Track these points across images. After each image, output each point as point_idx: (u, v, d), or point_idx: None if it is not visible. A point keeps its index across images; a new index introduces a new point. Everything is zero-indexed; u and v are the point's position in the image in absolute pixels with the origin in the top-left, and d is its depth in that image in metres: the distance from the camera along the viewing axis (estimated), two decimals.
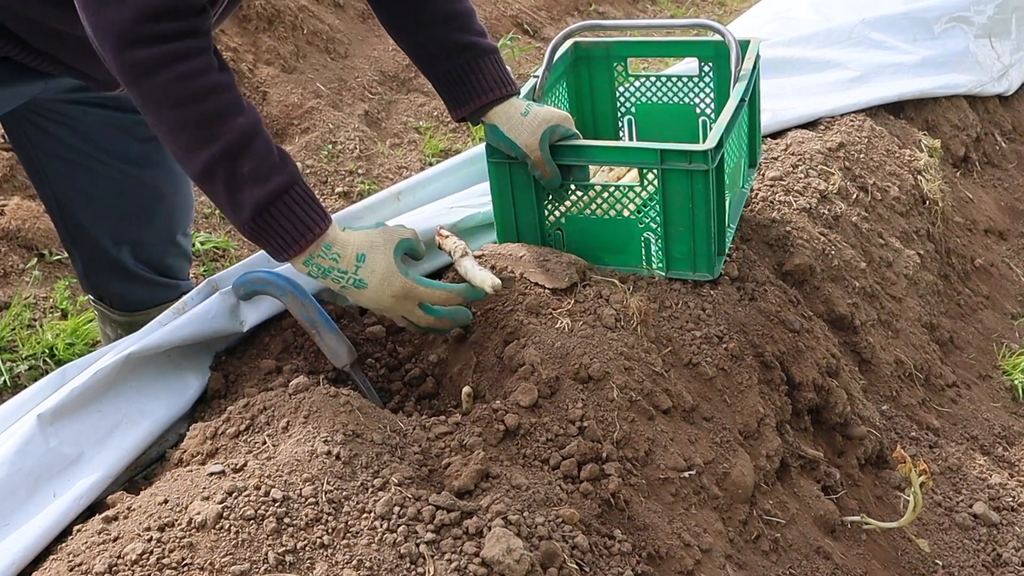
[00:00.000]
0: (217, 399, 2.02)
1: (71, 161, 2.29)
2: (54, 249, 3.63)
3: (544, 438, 1.84)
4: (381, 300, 1.91)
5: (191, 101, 1.69)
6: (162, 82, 1.67)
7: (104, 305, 2.58)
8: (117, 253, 2.43)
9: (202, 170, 1.73)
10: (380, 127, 5.06)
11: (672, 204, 2.16)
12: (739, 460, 2.02)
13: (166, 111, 1.70)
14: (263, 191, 1.75)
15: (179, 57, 1.67)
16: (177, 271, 2.57)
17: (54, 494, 1.72)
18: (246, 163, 1.73)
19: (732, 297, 2.28)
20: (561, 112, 2.21)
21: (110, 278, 2.49)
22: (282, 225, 1.79)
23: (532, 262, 2.16)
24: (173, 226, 2.50)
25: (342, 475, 1.64)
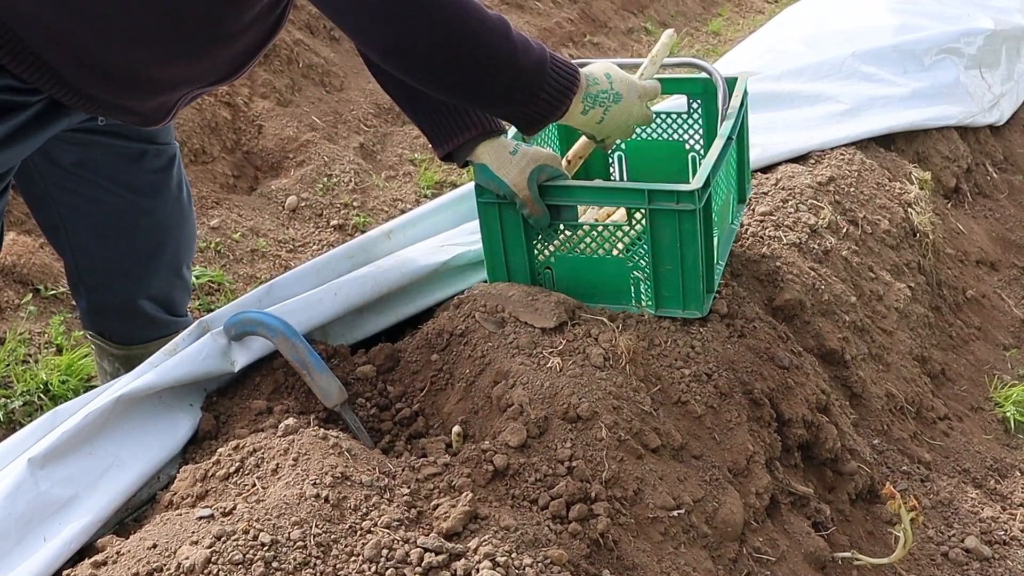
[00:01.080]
0: (208, 440, 2.03)
1: (80, 192, 2.28)
2: (49, 284, 3.65)
3: (533, 478, 1.85)
4: (633, 106, 2.19)
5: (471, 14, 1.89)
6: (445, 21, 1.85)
7: (103, 339, 2.58)
8: (124, 288, 2.44)
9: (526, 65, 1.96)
10: (375, 159, 5.09)
11: (660, 243, 2.18)
12: (728, 498, 2.03)
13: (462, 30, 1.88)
14: (544, 54, 2.00)
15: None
16: (179, 306, 2.58)
17: (44, 538, 1.73)
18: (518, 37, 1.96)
19: (721, 334, 2.29)
20: (549, 152, 2.22)
21: (113, 315, 2.50)
22: (562, 74, 2.04)
23: (521, 302, 2.18)
24: (179, 259, 2.51)
25: (330, 518, 1.64)
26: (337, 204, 4.63)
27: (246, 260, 4.12)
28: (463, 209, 2.75)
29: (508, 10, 6.78)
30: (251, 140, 4.79)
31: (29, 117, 1.96)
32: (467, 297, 2.26)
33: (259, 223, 4.37)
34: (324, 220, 4.52)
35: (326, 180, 4.71)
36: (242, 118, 4.80)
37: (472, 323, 2.17)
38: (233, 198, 4.45)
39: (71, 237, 2.37)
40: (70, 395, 3.25)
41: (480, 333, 2.14)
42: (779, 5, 8.42)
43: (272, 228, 4.39)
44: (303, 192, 4.62)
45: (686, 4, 8.28)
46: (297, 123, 4.92)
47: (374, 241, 2.54)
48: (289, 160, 4.78)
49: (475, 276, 2.49)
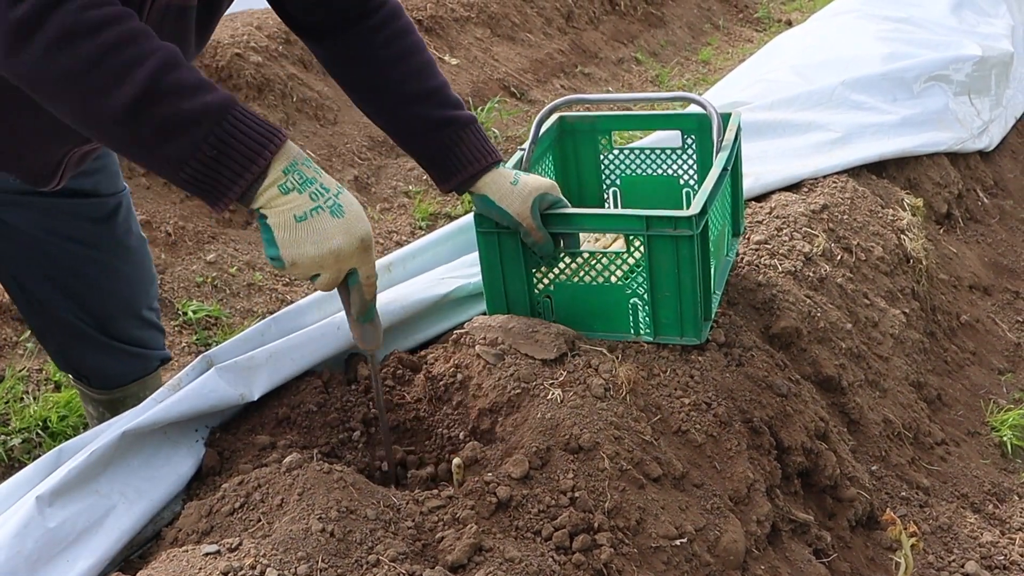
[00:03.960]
0: (212, 476, 2.04)
1: (26, 245, 2.28)
2: None
3: (536, 509, 1.86)
4: (349, 238, 1.66)
5: (91, 33, 1.47)
6: (51, 28, 1.46)
7: (83, 384, 2.57)
8: (85, 328, 2.42)
9: (127, 108, 1.48)
10: (370, 192, 5.12)
11: (659, 269, 2.21)
12: (730, 526, 2.04)
13: (64, 59, 1.47)
14: (213, 99, 1.54)
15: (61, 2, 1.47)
16: (149, 341, 2.54)
17: None
18: (188, 75, 1.52)
19: (719, 363, 2.32)
20: (548, 180, 2.26)
21: (84, 352, 2.47)
22: (244, 133, 1.56)
23: (521, 334, 2.20)
24: (135, 302, 2.48)
25: (337, 552, 1.66)
26: None
27: (243, 294, 4.14)
28: (462, 241, 2.77)
29: (499, 41, 6.85)
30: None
31: None
32: (467, 330, 2.28)
33: (255, 257, 4.40)
34: None
35: None
36: None
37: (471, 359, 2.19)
38: (229, 232, 4.47)
39: (25, 291, 2.36)
40: (69, 431, 3.26)
41: (480, 365, 2.17)
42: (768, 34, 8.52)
43: (268, 262, 4.41)
44: None
45: (675, 34, 8.36)
46: None
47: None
48: None
49: (475, 308, 2.51)
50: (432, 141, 2.18)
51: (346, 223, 1.66)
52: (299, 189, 1.63)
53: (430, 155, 2.20)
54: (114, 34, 1.48)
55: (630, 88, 7.15)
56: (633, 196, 2.77)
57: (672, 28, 8.33)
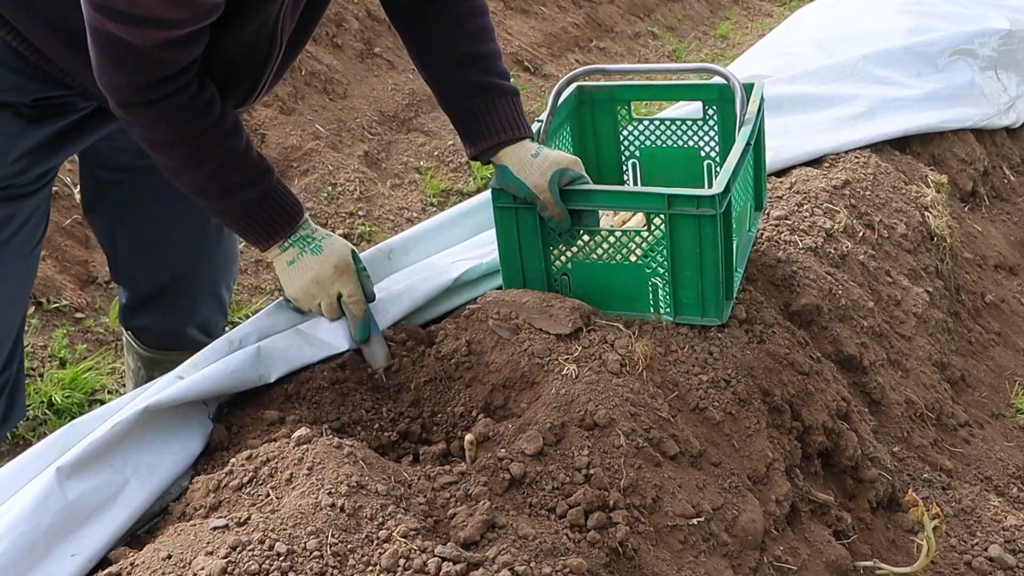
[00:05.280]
0: (220, 451, 2.04)
1: (136, 206, 2.48)
2: (52, 297, 3.67)
3: (550, 486, 1.86)
4: (323, 267, 2.15)
5: (187, 139, 2.01)
6: (160, 128, 2.00)
7: (132, 336, 2.73)
8: (160, 298, 2.59)
9: (198, 185, 2.05)
10: (380, 168, 5.11)
11: (680, 249, 2.20)
12: (748, 506, 2.04)
13: (165, 148, 2.03)
14: (247, 197, 2.08)
15: (170, 112, 1.98)
16: (212, 327, 2.70)
17: (72, 555, 1.73)
18: (236, 176, 2.06)
19: (739, 340, 2.31)
20: (571, 156, 2.26)
21: (148, 318, 2.66)
22: (270, 214, 2.11)
23: (536, 308, 2.19)
24: (218, 277, 2.66)
25: (347, 527, 1.65)
26: (342, 213, 4.65)
27: (251, 271, 4.14)
28: (469, 225, 2.74)
29: (512, 15, 6.81)
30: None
31: (76, 120, 2.20)
32: (480, 305, 2.27)
33: None
34: (329, 229, 4.53)
35: (331, 189, 4.73)
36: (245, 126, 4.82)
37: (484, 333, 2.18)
38: None
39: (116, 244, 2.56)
40: (75, 410, 3.27)
41: (493, 340, 2.16)
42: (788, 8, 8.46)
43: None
44: (308, 201, 4.64)
45: (693, 8, 8.31)
46: (301, 131, 4.95)
47: (372, 263, 2.53)
48: (293, 169, 4.81)
49: (488, 287, 2.49)
50: (469, 104, 2.24)
51: (322, 256, 2.16)
52: (293, 244, 2.15)
53: (464, 117, 2.26)
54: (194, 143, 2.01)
55: (646, 63, 7.12)
56: (653, 168, 2.75)
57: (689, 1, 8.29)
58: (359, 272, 2.21)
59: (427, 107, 5.54)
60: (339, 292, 2.18)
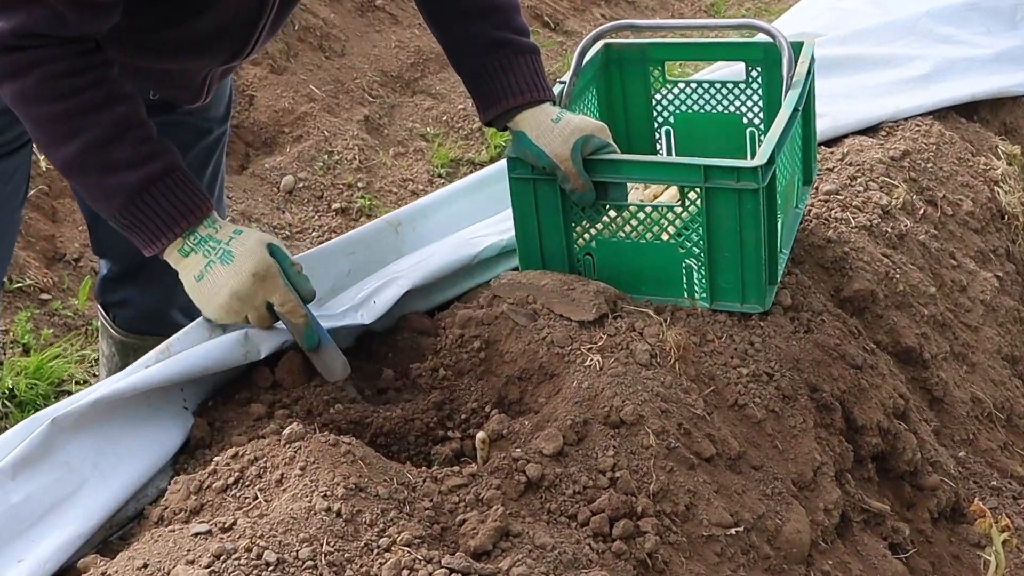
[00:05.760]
0: (201, 449, 2.05)
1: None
2: (15, 276, 3.68)
3: (571, 491, 1.86)
4: (239, 277, 2.00)
5: (64, 97, 1.90)
6: (31, 82, 1.89)
7: (107, 317, 2.72)
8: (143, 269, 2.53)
9: (72, 160, 1.95)
10: (382, 134, 5.11)
11: (717, 227, 2.19)
12: (793, 514, 2.04)
13: (34, 107, 1.93)
14: (134, 178, 1.95)
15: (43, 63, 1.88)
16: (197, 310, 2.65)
17: (19, 559, 1.74)
18: (121, 151, 1.94)
19: (784, 329, 2.30)
20: (597, 122, 2.25)
21: (129, 292, 2.65)
22: (161, 205, 1.98)
23: (556, 291, 2.19)
24: None
25: (344, 534, 1.66)
26: (339, 185, 4.65)
27: None
28: (485, 196, 2.74)
29: None
30: (241, 112, 4.82)
31: None
32: (493, 288, 2.27)
33: (251, 206, 4.40)
34: (325, 203, 4.55)
35: (327, 158, 4.73)
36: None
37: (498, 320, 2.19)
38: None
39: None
40: (40, 402, 3.28)
41: (508, 328, 2.16)
42: None
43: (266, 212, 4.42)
44: (301, 171, 4.64)
45: None
46: (293, 93, 4.95)
47: (378, 234, 2.52)
48: (285, 135, 4.81)
49: (505, 267, 2.49)
50: (481, 62, 2.23)
51: (235, 265, 2.01)
52: (195, 250, 2.01)
53: (476, 77, 2.25)
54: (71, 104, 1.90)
55: (681, 18, 7.10)
56: (689, 136, 2.75)
57: None
58: (286, 271, 2.06)
59: (435, 66, 5.54)
60: (267, 302, 2.05)
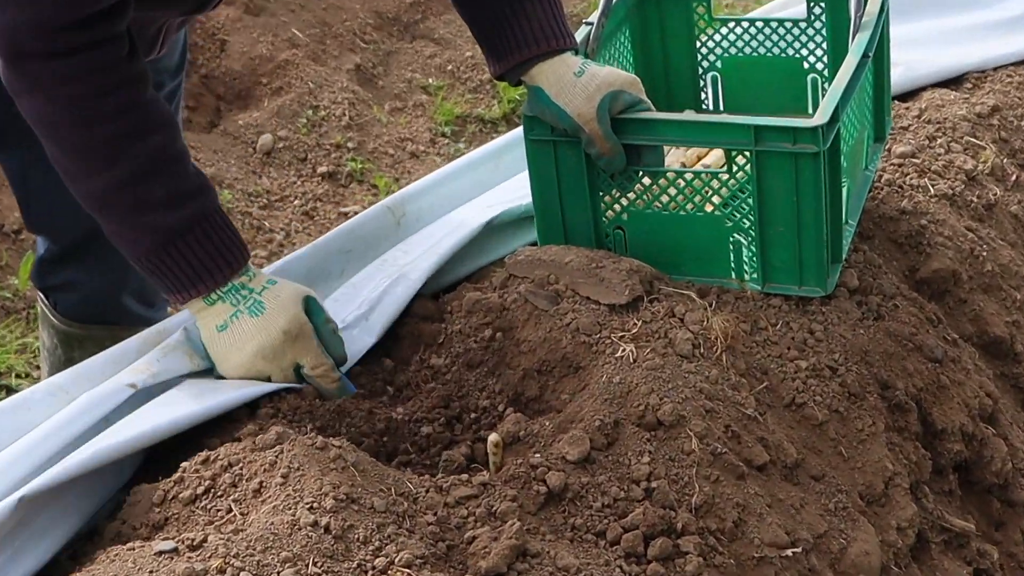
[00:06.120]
0: (166, 453, 2.06)
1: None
2: None
3: (599, 503, 1.87)
4: (267, 334, 2.05)
5: (95, 122, 1.93)
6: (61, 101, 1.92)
7: (49, 304, 2.72)
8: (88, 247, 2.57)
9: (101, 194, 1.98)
10: (376, 86, 5.12)
11: (770, 197, 2.19)
12: (860, 533, 2.05)
13: (64, 131, 1.96)
14: (170, 222, 1.99)
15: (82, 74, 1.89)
16: (151, 294, 2.70)
17: None
18: (156, 188, 1.98)
19: (850, 315, 2.30)
20: (627, 75, 2.25)
21: (72, 273, 2.65)
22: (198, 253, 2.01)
23: (582, 271, 2.19)
24: None
25: (333, 553, 1.67)
26: (326, 145, 4.66)
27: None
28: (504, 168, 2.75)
29: None
30: (211, 60, 4.82)
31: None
32: (508, 267, 2.27)
33: (222, 169, 4.41)
34: (309, 166, 4.55)
35: (311, 113, 4.74)
36: (199, 31, 4.83)
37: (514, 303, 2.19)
38: (188, 136, 4.48)
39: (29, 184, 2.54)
40: None
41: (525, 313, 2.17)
42: None
43: (240, 176, 4.43)
44: (281, 129, 4.65)
45: None
46: (272, 37, 4.95)
47: (376, 223, 2.53)
48: (262, 87, 4.82)
49: (523, 239, 2.50)
50: (489, 6, 2.22)
51: (264, 320, 2.04)
52: (224, 298, 2.04)
53: (486, 24, 2.25)
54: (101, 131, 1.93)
55: None
56: (740, 85, 2.75)
57: None
58: (319, 331, 2.10)
59: (438, 7, 5.54)
60: (295, 363, 2.10)
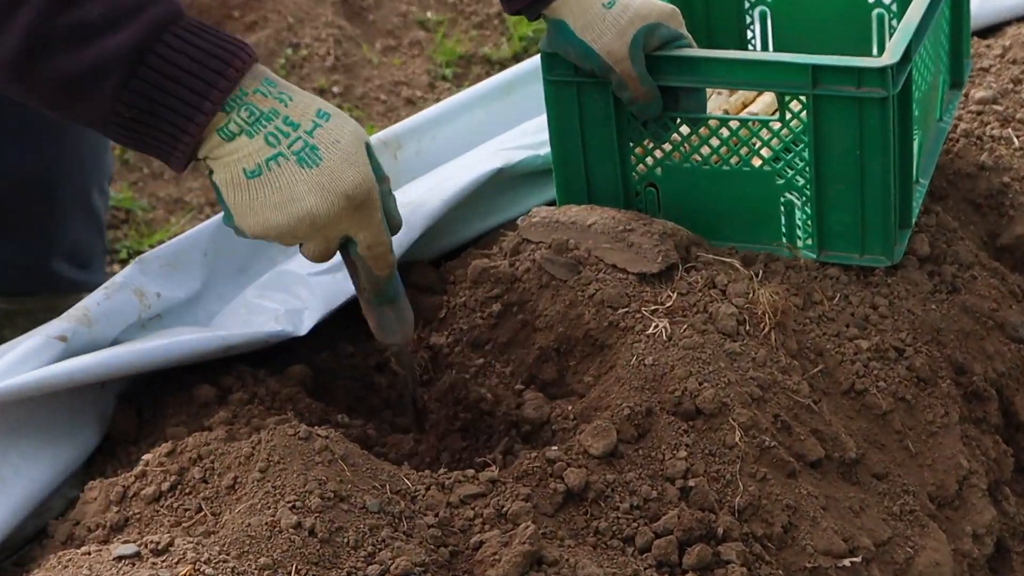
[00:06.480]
0: (126, 444, 2.07)
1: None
2: None
3: (627, 504, 1.88)
4: (327, 198, 1.75)
5: None
6: None
7: None
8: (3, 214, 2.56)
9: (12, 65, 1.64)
10: (366, 20, 5.11)
11: (829, 150, 2.20)
12: (929, 541, 2.05)
13: None
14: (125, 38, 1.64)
15: None
16: (86, 253, 2.69)
17: None
18: (89, 7, 1.63)
19: (920, 288, 2.31)
20: (664, 5, 2.24)
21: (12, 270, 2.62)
22: (173, 78, 1.66)
23: (608, 234, 2.20)
24: (85, 174, 2.64)
25: (319, 559, 1.67)
26: (308, 89, 4.65)
27: (168, 175, 4.16)
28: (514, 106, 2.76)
29: None
30: None
31: None
32: (521, 229, 2.28)
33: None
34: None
35: (291, 52, 4.74)
36: None
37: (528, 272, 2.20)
38: None
39: None
40: None
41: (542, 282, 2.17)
42: None
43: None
44: None
45: None
46: None
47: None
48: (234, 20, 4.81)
49: (540, 196, 2.51)
50: None
51: (322, 174, 1.73)
52: (249, 132, 1.70)
53: None
54: None
55: None
56: (792, 21, 2.74)
57: None
58: (384, 195, 1.86)
59: None
60: (346, 236, 1.84)
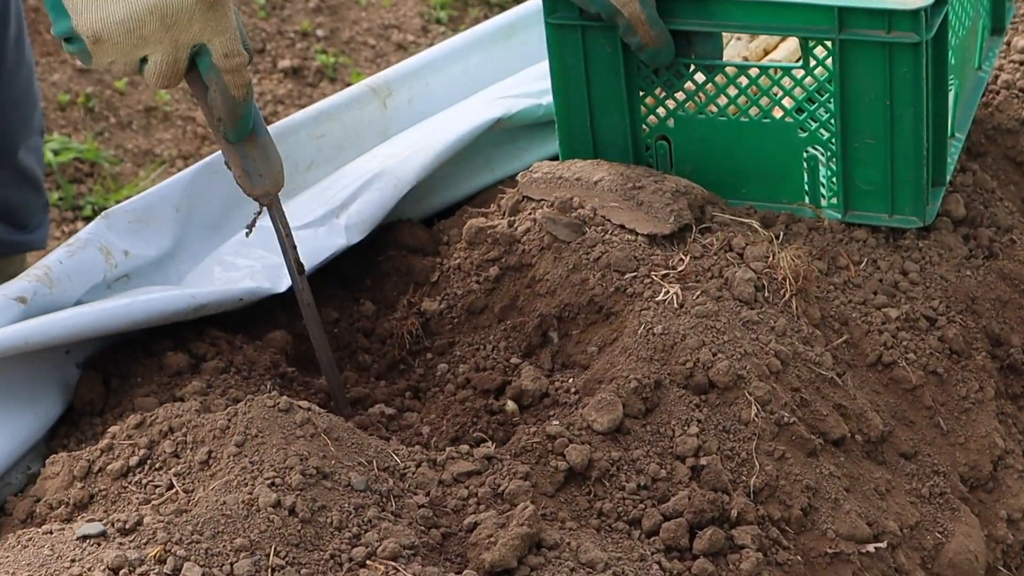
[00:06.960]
0: (91, 415, 2.08)
1: None
2: None
3: (634, 484, 1.88)
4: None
5: None
6: None
7: None
8: None
9: None
10: None
11: (857, 100, 2.20)
12: (961, 526, 2.06)
13: None
14: None
15: None
16: (23, 212, 2.69)
17: None
18: None
19: (954, 253, 2.31)
20: None
21: None
22: None
23: (616, 191, 2.21)
24: (13, 132, 2.63)
25: (300, 541, 1.68)
26: (290, 34, 4.66)
27: (137, 124, 4.16)
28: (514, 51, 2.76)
29: None
30: None
31: None
32: (521, 186, 2.28)
33: None
34: (269, 60, 4.55)
35: None
36: None
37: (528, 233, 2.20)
38: None
39: None
40: None
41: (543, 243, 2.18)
42: None
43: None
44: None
45: None
46: None
47: (358, 106, 2.54)
48: None
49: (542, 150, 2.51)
50: None
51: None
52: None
53: None
54: None
55: None
56: None
57: None
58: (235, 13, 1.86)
59: None
60: (195, 43, 1.82)
